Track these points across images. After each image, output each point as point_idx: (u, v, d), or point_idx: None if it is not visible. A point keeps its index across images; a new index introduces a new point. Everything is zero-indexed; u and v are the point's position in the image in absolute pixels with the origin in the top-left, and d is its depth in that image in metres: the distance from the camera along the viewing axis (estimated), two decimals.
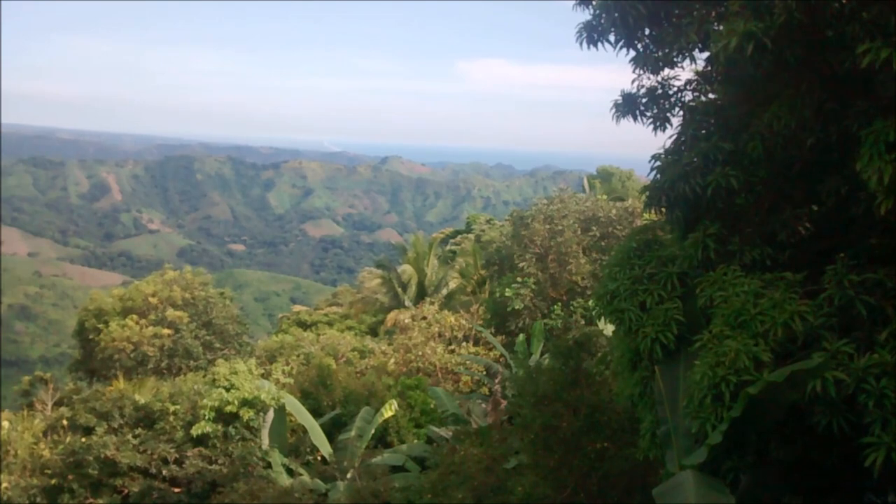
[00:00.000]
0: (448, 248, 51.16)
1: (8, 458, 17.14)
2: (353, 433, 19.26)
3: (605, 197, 33.80)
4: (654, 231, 9.62)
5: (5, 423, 16.17)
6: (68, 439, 17.81)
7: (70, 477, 16.89)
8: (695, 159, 8.22)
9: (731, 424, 6.74)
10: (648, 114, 9.43)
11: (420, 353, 26.57)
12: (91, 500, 17.01)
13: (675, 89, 9.44)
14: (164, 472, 17.22)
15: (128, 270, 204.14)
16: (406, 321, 30.30)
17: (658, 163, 8.88)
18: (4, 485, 12.85)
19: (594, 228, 28.62)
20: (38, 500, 16.54)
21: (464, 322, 29.06)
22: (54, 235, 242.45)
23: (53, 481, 16.86)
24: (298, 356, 29.23)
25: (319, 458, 19.55)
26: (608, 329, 16.40)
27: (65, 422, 18.64)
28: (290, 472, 18.40)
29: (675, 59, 9.19)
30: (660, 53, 9.18)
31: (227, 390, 18.77)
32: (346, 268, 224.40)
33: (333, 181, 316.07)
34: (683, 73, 9.38)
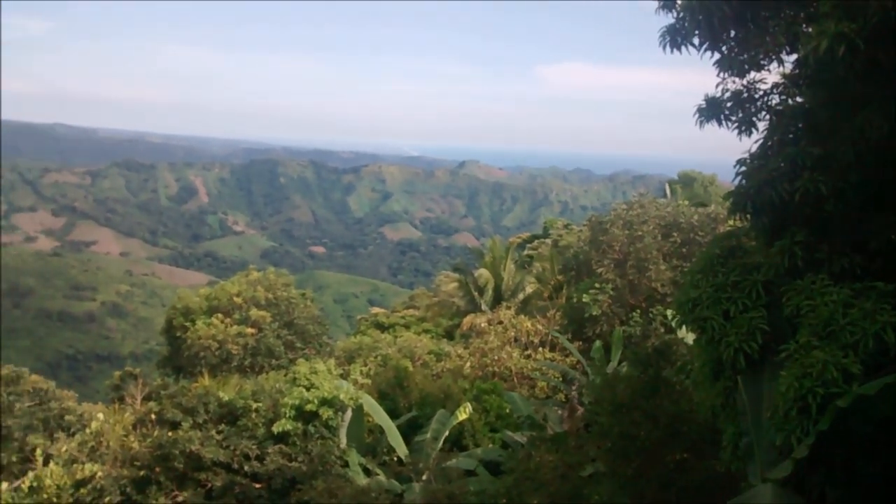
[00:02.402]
0: (525, 252, 50.98)
1: (101, 449, 17.85)
2: (428, 435, 19.38)
3: (686, 202, 33.05)
4: (739, 238, 9.40)
5: (99, 416, 16.88)
6: (156, 433, 18.45)
7: (157, 469, 17.51)
8: (782, 164, 8.02)
9: (817, 438, 6.54)
10: (733, 118, 9.23)
11: (496, 357, 26.56)
12: (177, 493, 17.60)
13: (762, 93, 9.21)
14: (246, 467, 17.66)
15: (213, 271, 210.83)
16: (482, 325, 30.32)
17: (743, 168, 8.69)
18: (99, 474, 13.45)
19: (675, 234, 28.05)
20: (129, 490, 17.21)
21: (540, 327, 28.91)
22: (144, 236, 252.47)
23: (142, 473, 17.52)
24: (376, 357, 29.61)
25: (395, 458, 19.74)
26: (689, 337, 16.06)
27: (153, 416, 19.31)
28: (367, 472, 18.64)
29: (761, 62, 8.97)
30: (745, 56, 8.98)
31: (308, 389, 19.15)
32: (423, 271, 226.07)
33: (411, 185, 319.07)
34: (770, 75, 9.15)
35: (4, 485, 11.89)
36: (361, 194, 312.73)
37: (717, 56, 9.15)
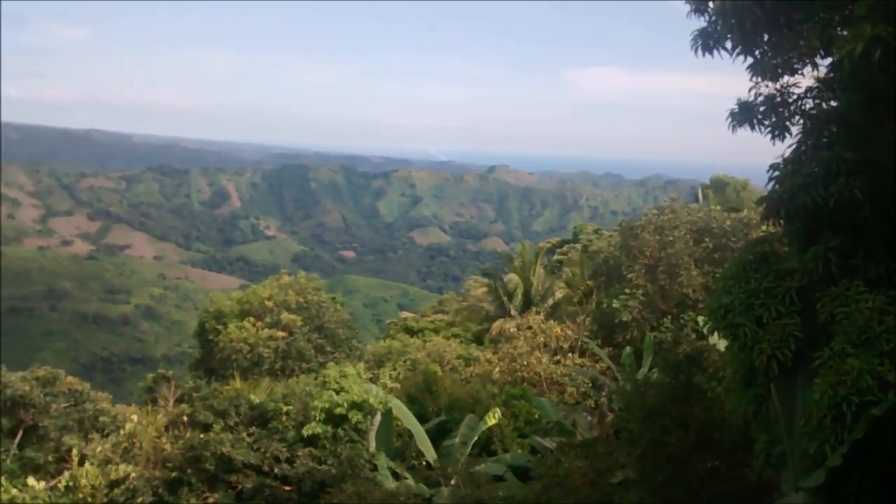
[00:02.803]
0: (555, 257, 50.77)
1: (134, 450, 18.08)
2: (457, 440, 19.37)
3: (718, 207, 32.72)
4: (772, 243, 9.29)
5: (133, 417, 17.12)
6: (188, 435, 18.66)
7: (189, 471, 17.71)
8: (816, 169, 7.92)
9: (852, 447, 6.45)
10: (766, 122, 9.14)
11: (525, 362, 26.47)
12: (208, 495, 17.79)
13: (795, 97, 9.11)
14: (276, 470, 17.80)
15: (245, 274, 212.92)
16: (511, 330, 30.25)
17: (777, 173, 8.60)
18: (132, 475, 13.65)
19: (707, 240, 27.78)
20: (161, 491, 17.42)
21: (570, 333, 28.77)
22: (178, 240, 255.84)
23: (174, 474, 17.73)
24: (405, 362, 29.68)
25: (424, 463, 19.76)
26: (721, 344, 15.89)
27: (185, 418, 19.53)
28: (396, 476, 18.68)
29: (795, 66, 8.88)
30: (779, 60, 8.90)
31: (337, 393, 19.26)
32: (453, 275, 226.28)
33: (441, 190, 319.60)
34: (804, 79, 9.04)
35: (42, 484, 12.11)
36: (391, 199, 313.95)
37: (749, 60, 9.08)
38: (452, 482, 17.95)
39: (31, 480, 12.14)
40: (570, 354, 27.97)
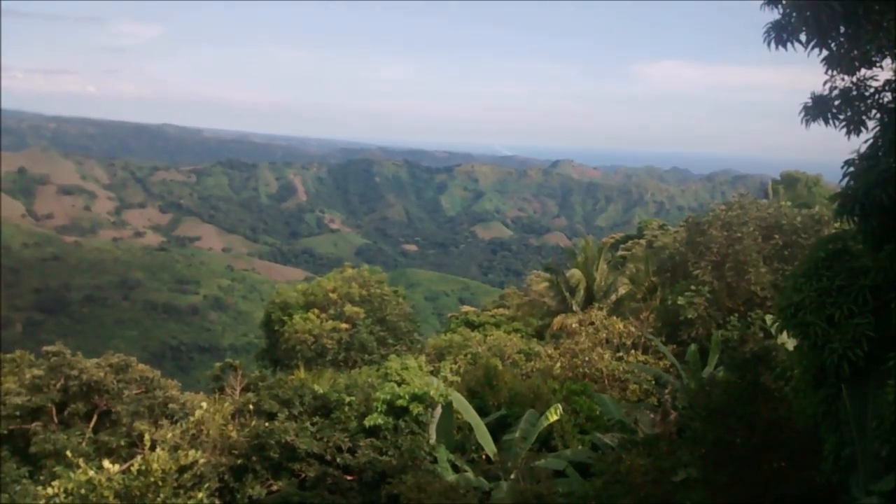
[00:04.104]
0: (618, 253, 50.18)
1: (201, 437, 18.57)
2: (517, 434, 19.36)
3: (789, 203, 31.85)
4: (845, 241, 9.03)
5: (203, 405, 17.58)
6: (253, 423, 19.09)
7: (254, 458, 18.13)
8: (893, 165, 7.67)
9: None
10: (842, 116, 8.89)
11: (587, 358, 26.26)
12: (272, 482, 18.19)
13: (872, 90, 8.83)
14: (338, 459, 18.08)
15: (310, 267, 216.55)
16: (573, 326, 30.02)
17: (852, 168, 8.36)
18: (201, 461, 14.06)
19: (776, 236, 27.10)
20: (227, 477, 17.88)
21: (633, 329, 28.41)
22: (245, 232, 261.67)
23: (240, 461, 18.18)
24: (466, 355, 29.76)
25: (484, 456, 19.81)
26: (789, 343, 15.51)
27: (251, 406, 19.97)
28: (456, 469, 18.77)
29: (873, 59, 8.60)
30: (856, 52, 8.63)
31: (399, 385, 19.45)
32: (514, 270, 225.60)
33: (504, 184, 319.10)
34: (882, 72, 8.75)
35: (116, 466, 12.57)
36: (454, 193, 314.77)
37: (824, 53, 8.83)
38: (512, 476, 17.95)
39: (106, 463, 12.57)
40: (632, 351, 27.64)
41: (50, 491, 12.18)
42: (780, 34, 8.89)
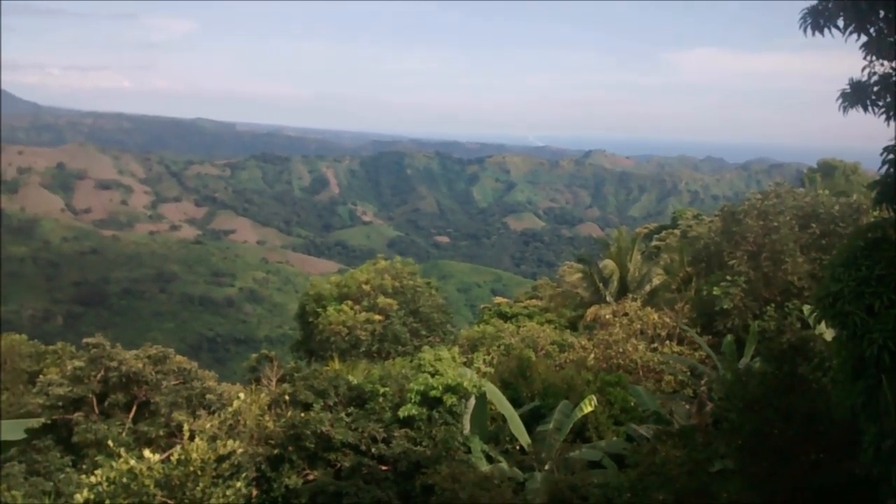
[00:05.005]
0: (652, 243, 49.79)
1: (238, 427, 18.83)
2: (551, 425, 19.34)
3: (826, 192, 31.30)
4: (884, 229, 8.87)
5: (240, 395, 17.83)
6: (289, 413, 19.29)
7: (290, 448, 18.35)
8: None
9: None
10: (881, 103, 8.71)
11: (621, 349, 26.13)
12: (308, 472, 18.39)
13: None
14: (373, 449, 18.22)
15: (343, 259, 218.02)
16: (607, 317, 29.87)
17: (891, 155, 8.21)
18: (238, 451, 14.28)
19: (814, 225, 26.67)
20: (263, 467, 18.13)
21: (667, 320, 28.20)
22: (279, 225, 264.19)
23: (276, 451, 18.40)
24: (499, 347, 29.78)
25: (518, 447, 19.83)
26: (827, 333, 15.30)
27: (286, 397, 20.17)
28: (490, 459, 18.83)
29: None
30: None
31: (432, 376, 19.53)
32: (547, 261, 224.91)
33: (536, 175, 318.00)
34: None
35: (156, 456, 12.81)
36: (485, 185, 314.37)
37: (863, 38, 8.67)
38: (546, 467, 17.96)
39: (146, 452, 12.83)
40: (667, 342, 27.44)
41: (93, 479, 12.46)
42: (817, 20, 8.74)
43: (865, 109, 8.79)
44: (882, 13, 8.43)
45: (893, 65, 8.63)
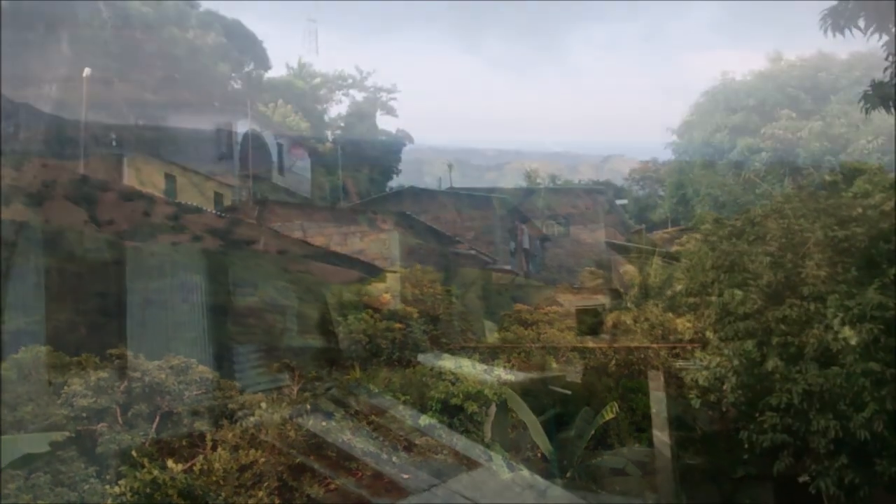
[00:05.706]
0: (673, 248, 49.40)
1: (260, 437, 18.85)
2: (572, 433, 19.24)
3: (850, 194, 30.82)
4: None
5: (262, 405, 17.85)
6: (311, 422, 19.30)
7: (312, 457, 18.34)
8: None
9: None
10: None
11: (642, 355, 25.93)
12: (330, 480, 18.36)
13: None
14: (394, 458, 18.17)
15: (363, 268, 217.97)
16: (627, 322, 29.66)
17: None
18: (261, 460, 14.30)
19: (836, 228, 26.28)
20: (285, 476, 18.10)
21: (689, 325, 27.93)
22: (300, 234, 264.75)
23: (298, 460, 18.41)
24: (519, 354, 29.63)
25: (539, 455, 19.73)
26: (851, 338, 15.10)
27: (308, 406, 20.18)
28: (511, 467, 18.73)
29: None
30: None
31: (453, 384, 19.47)
32: (567, 267, 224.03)
33: (554, 181, 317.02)
34: None
35: (179, 466, 12.88)
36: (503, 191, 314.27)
37: (885, 38, 8.57)
38: (568, 475, 17.86)
39: (170, 463, 12.91)
40: (689, 347, 27.19)
41: (117, 490, 12.53)
42: (837, 20, 8.66)
43: (888, 110, 8.69)
44: None
45: None
